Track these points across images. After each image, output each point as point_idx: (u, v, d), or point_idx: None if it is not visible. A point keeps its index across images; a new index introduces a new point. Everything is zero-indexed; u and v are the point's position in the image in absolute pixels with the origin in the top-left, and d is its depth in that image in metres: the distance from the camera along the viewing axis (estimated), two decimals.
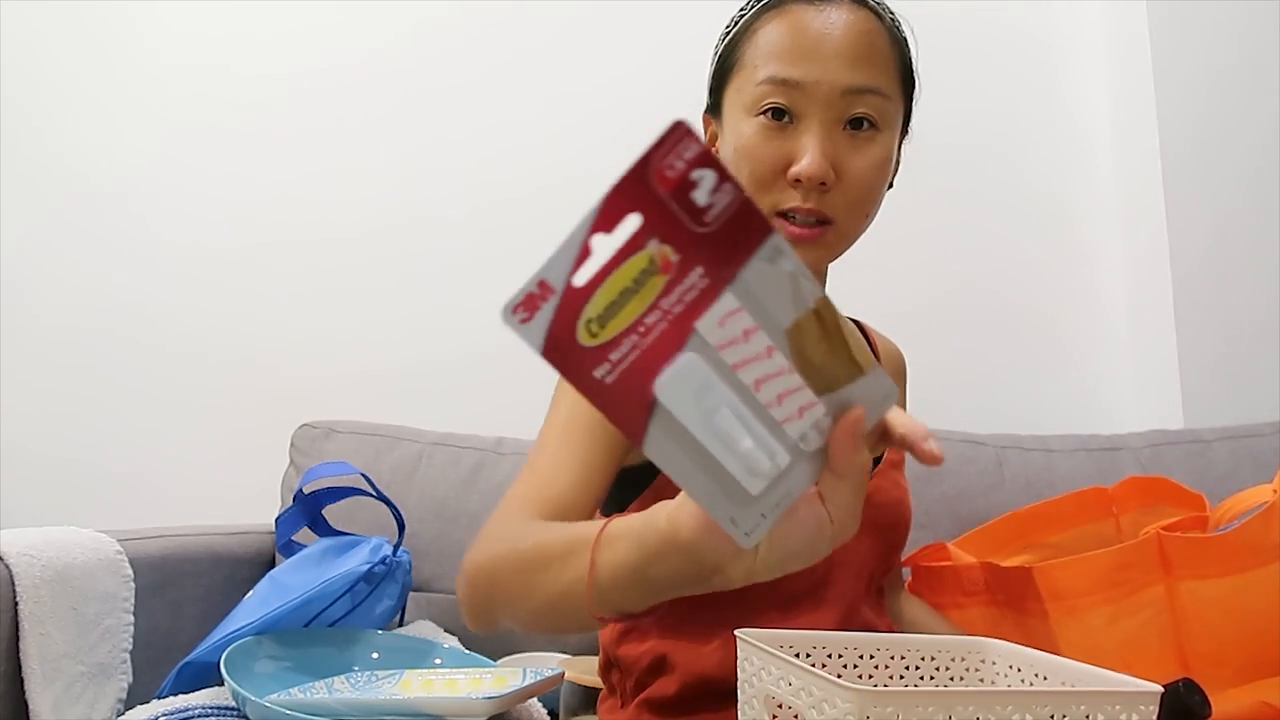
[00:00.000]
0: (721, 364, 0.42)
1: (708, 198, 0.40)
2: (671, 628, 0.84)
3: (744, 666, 0.63)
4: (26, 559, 1.02)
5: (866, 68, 0.80)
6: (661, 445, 0.43)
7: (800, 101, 0.79)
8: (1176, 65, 1.75)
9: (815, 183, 0.79)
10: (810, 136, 0.79)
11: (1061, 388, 1.79)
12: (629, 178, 0.39)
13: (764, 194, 0.81)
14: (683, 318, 0.41)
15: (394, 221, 1.77)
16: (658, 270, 0.40)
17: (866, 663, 0.68)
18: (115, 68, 1.77)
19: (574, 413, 0.78)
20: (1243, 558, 0.86)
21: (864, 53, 0.80)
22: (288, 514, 1.27)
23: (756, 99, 0.80)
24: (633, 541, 0.54)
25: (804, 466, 0.46)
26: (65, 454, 1.69)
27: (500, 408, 1.62)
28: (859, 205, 0.82)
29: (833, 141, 0.79)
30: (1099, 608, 0.89)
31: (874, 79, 0.80)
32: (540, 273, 0.40)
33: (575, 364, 0.41)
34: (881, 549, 0.90)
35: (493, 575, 0.67)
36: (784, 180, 0.80)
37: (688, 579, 0.52)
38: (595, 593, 0.56)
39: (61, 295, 1.73)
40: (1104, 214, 1.83)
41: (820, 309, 0.44)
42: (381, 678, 1.01)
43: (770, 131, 0.80)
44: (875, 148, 0.81)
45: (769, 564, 0.49)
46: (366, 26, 1.80)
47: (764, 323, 0.43)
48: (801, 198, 0.79)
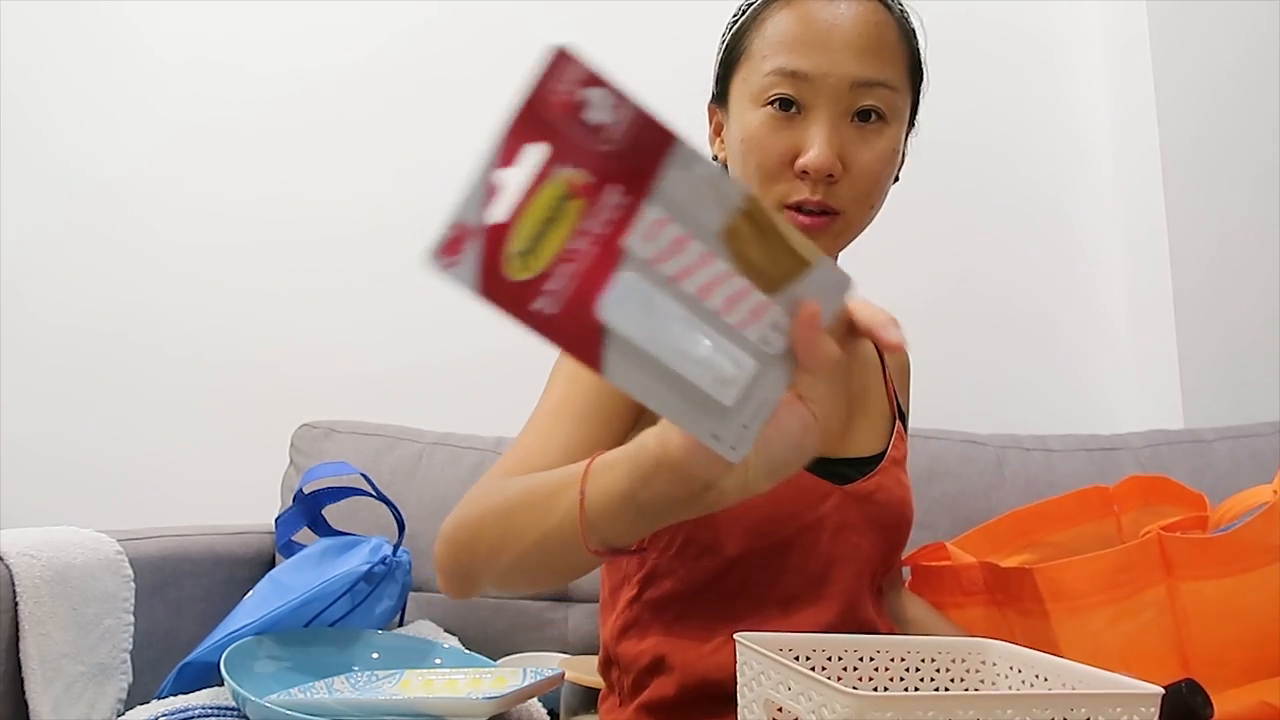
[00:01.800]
0: (660, 277, 0.42)
1: (606, 115, 0.40)
2: (670, 625, 0.84)
3: (743, 670, 0.62)
4: (26, 559, 1.02)
5: (875, 60, 0.79)
6: (624, 370, 0.42)
7: (808, 93, 0.79)
8: (1176, 65, 1.75)
9: (823, 175, 0.78)
10: (818, 128, 0.78)
11: (1061, 388, 1.79)
12: (519, 110, 0.39)
13: (771, 185, 0.80)
14: (610, 238, 0.41)
15: (394, 220, 1.76)
16: (574, 195, 0.40)
17: (866, 665, 0.68)
18: (116, 67, 1.77)
19: (567, 394, 0.78)
20: (1243, 558, 0.86)
21: (873, 45, 0.79)
22: (288, 514, 1.27)
23: (764, 89, 0.80)
24: (624, 467, 0.54)
25: (775, 371, 0.46)
26: (65, 454, 1.69)
27: (500, 408, 1.61)
28: (865, 197, 0.81)
29: (840, 133, 0.79)
30: (1101, 608, 0.89)
31: (883, 71, 0.80)
32: (453, 216, 0.39)
33: (512, 299, 0.40)
34: (883, 547, 0.90)
35: (478, 526, 0.66)
36: (790, 172, 0.79)
37: (680, 500, 0.51)
38: (586, 524, 0.56)
39: (61, 295, 1.73)
40: (1104, 214, 1.83)
41: (749, 209, 0.43)
42: (381, 678, 1.01)
43: (777, 122, 0.79)
44: (882, 140, 0.81)
45: (761, 473, 0.49)
46: (366, 25, 1.80)
47: (694, 230, 0.42)
48: (809, 190, 0.79)
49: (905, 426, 0.99)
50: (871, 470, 0.89)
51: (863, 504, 0.87)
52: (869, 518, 0.87)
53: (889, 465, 0.91)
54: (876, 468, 0.89)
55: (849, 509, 0.86)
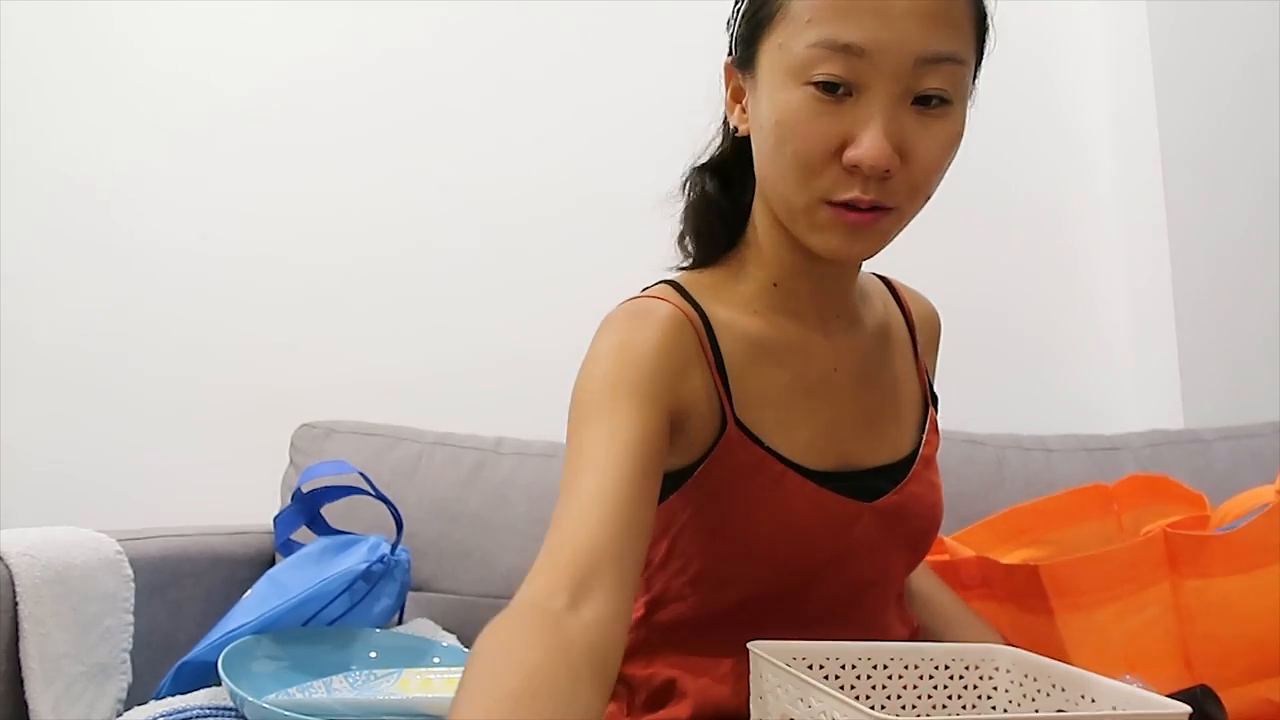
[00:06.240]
0: None
1: None
2: (680, 647, 0.80)
3: (757, 681, 0.61)
4: (26, 559, 1.02)
5: (943, 28, 0.66)
6: None
7: (863, 71, 0.65)
8: (1176, 65, 1.75)
9: (878, 172, 0.66)
10: (873, 114, 0.65)
11: (1061, 388, 1.79)
12: None
13: (812, 179, 0.68)
14: None
15: (394, 220, 1.76)
16: None
17: (880, 673, 0.67)
18: (111, 77, 1.77)
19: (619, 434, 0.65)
20: (1247, 557, 0.86)
21: (941, 7, 0.66)
22: (286, 513, 1.27)
23: (807, 64, 0.66)
24: None
25: None
26: (65, 454, 1.69)
27: (500, 408, 1.62)
28: (922, 188, 0.71)
29: (898, 121, 0.66)
30: (1106, 605, 0.88)
31: (951, 42, 0.66)
32: None
33: None
34: (913, 559, 0.86)
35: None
36: (838, 163, 0.67)
37: None
38: None
39: (61, 296, 1.73)
40: (1104, 214, 1.83)
41: None
42: (380, 677, 1.01)
43: (823, 105, 0.66)
44: (947, 124, 0.69)
45: None
46: (368, 35, 1.80)
47: None
48: (860, 188, 0.67)
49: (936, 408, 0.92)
50: (902, 477, 0.82)
51: (894, 521, 0.81)
52: (900, 535, 0.82)
53: (920, 469, 0.85)
54: (908, 474, 0.83)
55: (879, 529, 0.80)
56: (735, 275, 0.82)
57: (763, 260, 0.81)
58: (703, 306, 0.78)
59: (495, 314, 1.73)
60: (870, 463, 0.82)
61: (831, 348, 0.82)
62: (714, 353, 0.76)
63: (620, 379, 0.69)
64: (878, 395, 0.85)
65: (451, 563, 1.40)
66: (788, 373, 0.79)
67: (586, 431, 0.66)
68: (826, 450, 0.79)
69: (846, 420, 0.82)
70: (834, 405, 0.81)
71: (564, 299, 1.72)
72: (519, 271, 1.74)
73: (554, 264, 1.74)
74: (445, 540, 1.41)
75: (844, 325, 0.84)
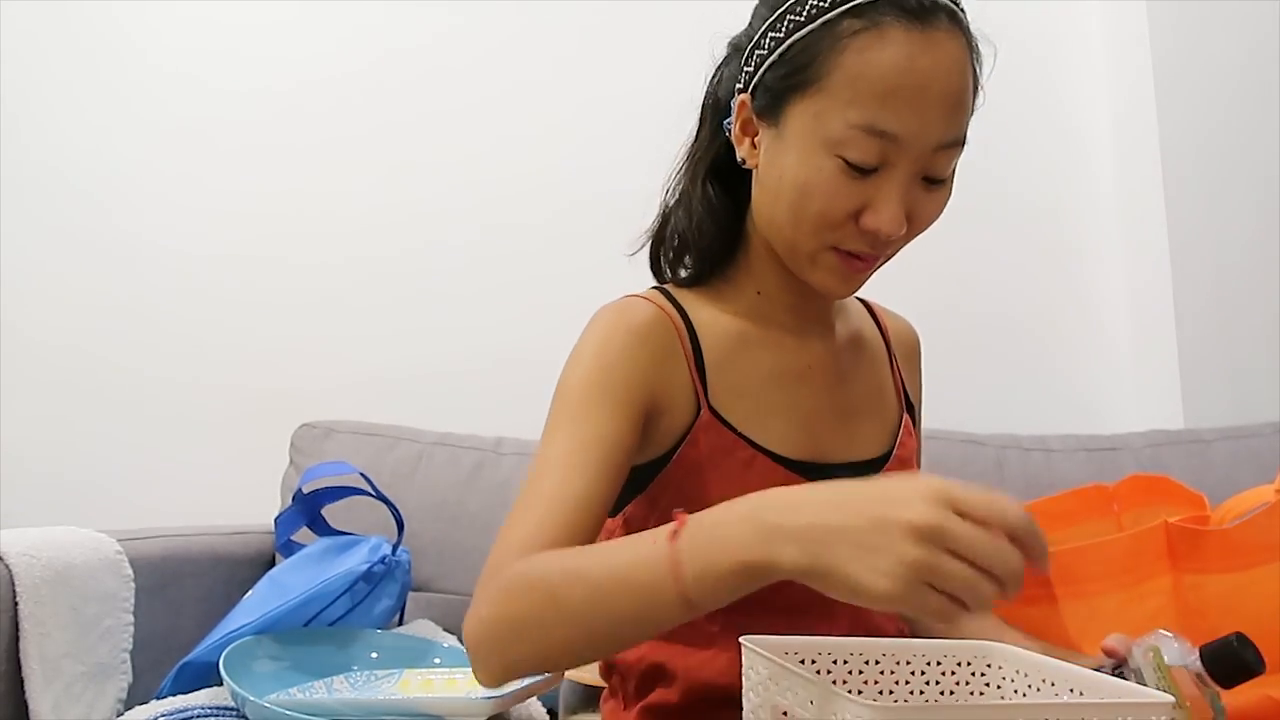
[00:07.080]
0: None
1: None
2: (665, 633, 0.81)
3: (749, 674, 0.61)
4: (26, 559, 1.02)
5: (959, 113, 0.74)
6: None
7: (890, 153, 0.72)
8: (1176, 65, 1.75)
9: (893, 239, 0.75)
10: (893, 190, 0.73)
11: (1061, 388, 1.79)
12: None
13: (827, 232, 0.76)
14: None
15: (394, 220, 1.76)
16: None
17: (872, 669, 0.67)
18: (112, 77, 1.77)
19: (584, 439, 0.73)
20: (1245, 554, 0.86)
21: (961, 97, 0.74)
22: (287, 513, 1.27)
23: (842, 141, 0.72)
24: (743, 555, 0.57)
25: None
26: (65, 454, 1.69)
27: (500, 408, 1.62)
28: (915, 237, 0.80)
29: (912, 194, 0.75)
30: (1109, 594, 0.89)
31: (962, 126, 0.75)
32: None
33: None
34: None
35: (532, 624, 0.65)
36: (854, 224, 0.75)
37: None
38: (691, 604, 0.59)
39: (61, 296, 1.73)
40: (1104, 214, 1.83)
41: None
42: (381, 677, 1.01)
43: (848, 177, 0.73)
44: (944, 192, 0.78)
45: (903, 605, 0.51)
46: (368, 34, 1.80)
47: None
48: (868, 245, 0.76)
49: (915, 418, 0.96)
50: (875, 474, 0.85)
51: None
52: None
53: (894, 467, 0.88)
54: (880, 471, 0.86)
55: None
56: (720, 289, 0.87)
57: (750, 274, 0.87)
58: (685, 309, 0.83)
59: (495, 314, 1.73)
60: (844, 458, 0.85)
61: (808, 349, 0.87)
62: (693, 348, 0.81)
63: (592, 382, 0.76)
64: (853, 396, 0.89)
65: (452, 563, 1.40)
66: (765, 367, 0.84)
67: (557, 433, 0.74)
68: (801, 441, 0.83)
69: (822, 415, 0.85)
70: (810, 400, 0.85)
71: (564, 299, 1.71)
72: (519, 271, 1.74)
73: (554, 264, 1.74)
74: (446, 540, 1.41)
75: (820, 330, 0.89)
